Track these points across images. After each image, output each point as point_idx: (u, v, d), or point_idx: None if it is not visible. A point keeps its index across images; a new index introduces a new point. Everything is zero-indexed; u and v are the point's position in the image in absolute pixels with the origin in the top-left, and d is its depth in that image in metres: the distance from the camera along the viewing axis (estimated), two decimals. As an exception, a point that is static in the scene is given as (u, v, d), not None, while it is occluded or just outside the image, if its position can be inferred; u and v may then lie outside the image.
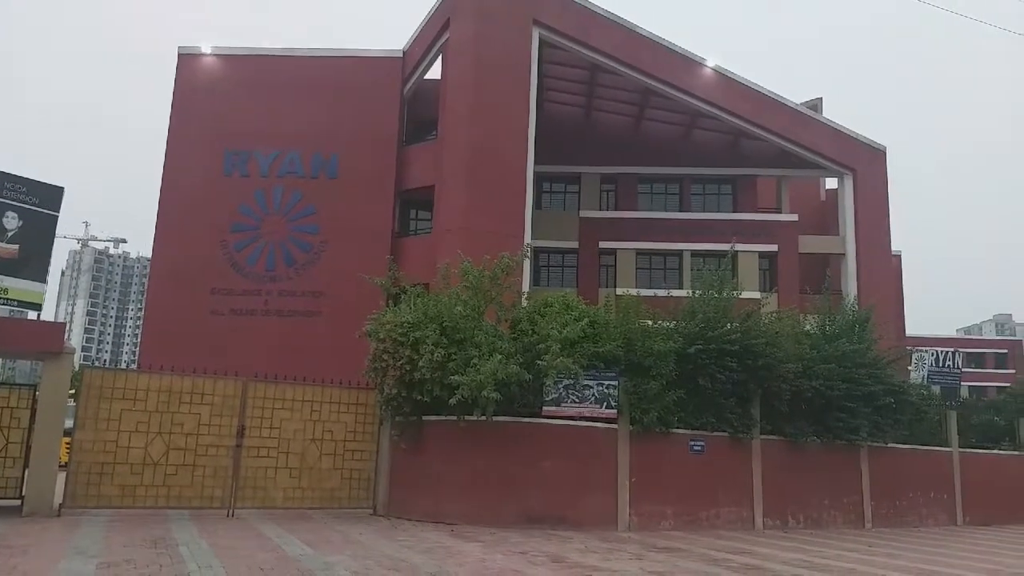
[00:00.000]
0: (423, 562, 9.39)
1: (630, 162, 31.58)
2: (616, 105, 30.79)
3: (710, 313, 15.51)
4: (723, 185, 32.69)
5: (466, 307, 14.71)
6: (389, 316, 14.81)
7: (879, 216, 30.03)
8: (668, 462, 14.80)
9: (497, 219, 22.44)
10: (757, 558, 11.12)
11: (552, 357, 13.36)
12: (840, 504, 16.71)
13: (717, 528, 14.83)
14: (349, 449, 15.00)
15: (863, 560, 11.45)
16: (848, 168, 29.89)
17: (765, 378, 15.35)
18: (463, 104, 24.12)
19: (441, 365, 13.72)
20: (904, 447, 18.00)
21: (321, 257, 24.82)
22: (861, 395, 16.48)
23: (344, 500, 14.81)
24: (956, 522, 18.46)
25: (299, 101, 25.92)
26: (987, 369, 64.21)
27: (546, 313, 14.87)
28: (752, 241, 29.16)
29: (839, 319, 18.50)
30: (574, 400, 14.23)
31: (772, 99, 28.78)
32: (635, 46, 26.33)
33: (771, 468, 15.75)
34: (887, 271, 30.68)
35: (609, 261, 30.41)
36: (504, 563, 9.63)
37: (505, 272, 15.43)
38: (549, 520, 13.62)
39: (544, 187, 32.10)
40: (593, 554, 10.79)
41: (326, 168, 25.60)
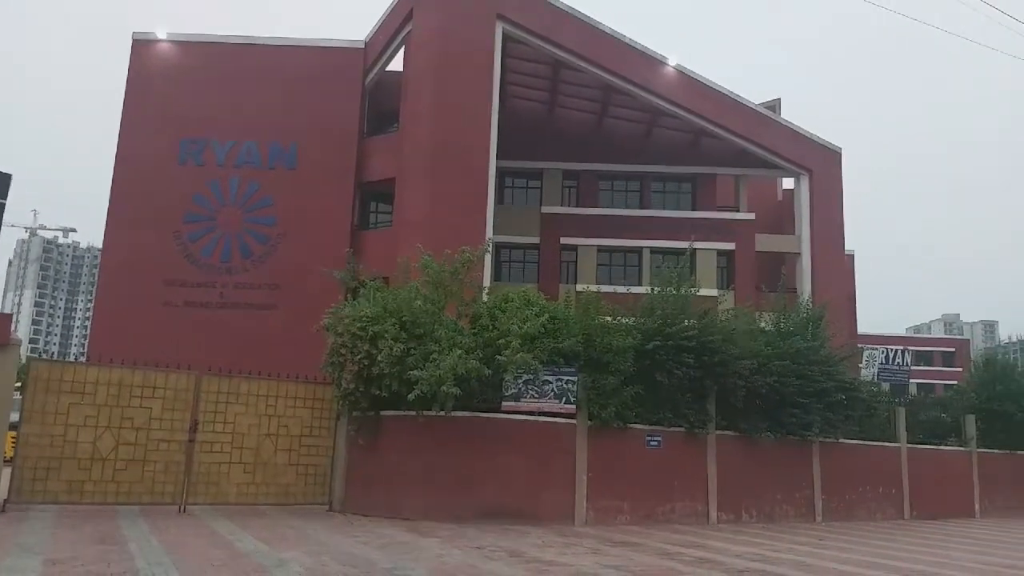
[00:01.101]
0: (379, 558, 9.32)
1: (592, 159, 31.74)
2: (579, 102, 30.88)
3: (668, 310, 15.66)
4: (683, 183, 33.04)
5: (426, 302, 14.63)
6: (348, 310, 14.66)
7: (833, 216, 30.62)
8: (625, 457, 14.92)
9: (458, 213, 22.35)
10: (710, 551, 11.27)
11: (512, 352, 13.36)
12: (792, 498, 17.03)
13: (672, 522, 15.00)
14: (305, 444, 14.82)
15: (813, 553, 11.68)
16: (804, 168, 30.42)
17: (721, 374, 15.56)
18: (425, 97, 23.95)
19: (400, 360, 13.63)
20: (854, 443, 18.41)
21: (278, 249, 24.46)
22: (814, 391, 16.81)
23: (299, 496, 14.64)
24: (903, 516, 18.95)
25: (257, 90, 25.49)
26: (935, 367, 66.04)
27: (506, 308, 14.86)
28: (710, 239, 29.53)
29: (793, 317, 18.82)
30: (533, 395, 14.26)
31: (732, 99, 29.14)
32: (598, 43, 26.42)
33: (726, 463, 15.98)
34: (840, 270, 31.32)
35: (570, 257, 30.52)
36: (461, 558, 9.61)
37: (466, 267, 15.38)
38: (507, 515, 13.63)
39: (506, 182, 32.08)
40: (550, 549, 10.83)
41: (284, 159, 25.22)
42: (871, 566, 10.52)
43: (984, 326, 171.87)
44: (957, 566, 10.99)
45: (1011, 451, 21.93)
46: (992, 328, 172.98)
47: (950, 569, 10.59)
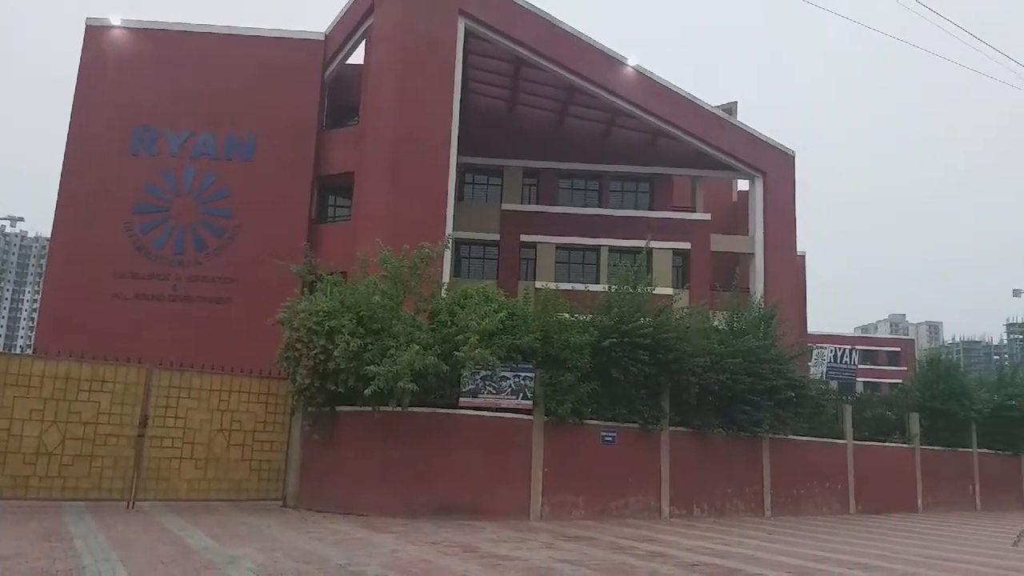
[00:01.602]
0: (333, 554, 9.28)
1: (552, 157, 31.90)
2: (540, 100, 31.01)
3: (625, 308, 15.86)
4: (641, 183, 33.43)
5: (384, 297, 14.58)
6: (304, 304, 14.53)
7: (786, 218, 31.26)
8: (581, 453, 15.08)
9: (418, 208, 22.28)
10: (662, 545, 11.47)
11: (470, 348, 13.40)
12: (742, 493, 17.39)
13: (626, 517, 15.21)
14: (259, 440, 14.66)
15: (762, 547, 11.96)
16: (759, 171, 30.99)
17: (675, 371, 15.81)
18: (386, 91, 23.81)
19: (357, 355, 13.56)
20: (803, 439, 18.87)
21: (234, 242, 24.07)
22: (764, 389, 17.18)
23: (252, 492, 14.48)
24: (849, 511, 19.48)
25: (214, 80, 25.03)
26: (881, 366, 67.80)
27: (465, 304, 14.89)
28: (667, 238, 29.91)
29: (746, 316, 19.20)
30: (491, 391, 14.32)
31: (690, 101, 29.54)
32: (558, 41, 26.55)
33: (678, 459, 16.25)
34: (792, 270, 32.01)
35: (529, 254, 30.64)
36: (415, 554, 9.63)
37: (425, 262, 15.36)
38: (462, 510, 13.68)
39: (467, 178, 32.08)
40: (504, 544, 10.90)
41: (241, 150, 24.83)
42: (817, 559, 10.81)
43: (929, 327, 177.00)
44: (899, 559, 11.35)
45: (952, 448, 22.69)
46: (936, 329, 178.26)
47: (892, 562, 10.93)
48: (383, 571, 8.20)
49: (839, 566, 10.15)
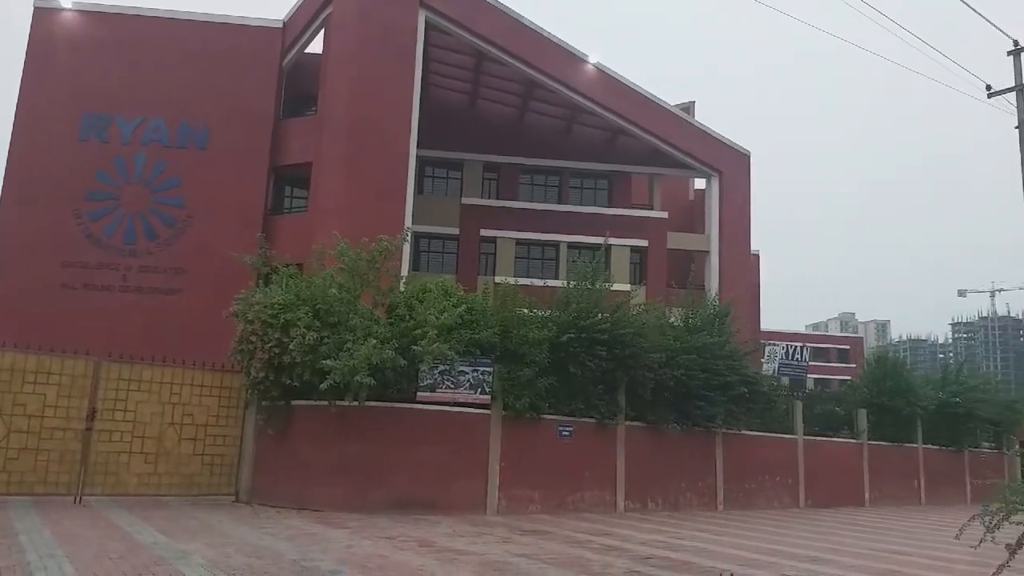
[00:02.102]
0: (286, 549, 9.17)
1: (513, 152, 31.90)
2: (501, 95, 30.98)
3: (583, 303, 15.95)
4: (600, 180, 33.64)
5: (341, 290, 14.43)
6: (259, 296, 14.32)
7: (741, 217, 31.77)
8: (538, 447, 15.14)
9: (377, 201, 22.09)
10: (617, 539, 11.58)
11: (428, 343, 13.34)
12: (696, 487, 17.65)
13: (582, 511, 15.32)
14: (211, 434, 14.43)
15: (714, 540, 12.16)
16: (715, 170, 31.42)
17: (632, 367, 15.96)
18: (345, 81, 23.54)
19: (313, 349, 13.41)
20: (755, 434, 19.22)
21: (186, 232, 23.57)
22: (718, 385, 17.45)
23: (204, 487, 14.25)
24: (799, 504, 19.90)
25: (168, 66, 24.44)
26: (831, 363, 69.37)
27: (424, 298, 14.82)
28: (625, 235, 30.15)
29: (701, 313, 19.47)
30: (449, 386, 14.28)
31: (649, 99, 29.80)
32: (520, 36, 26.54)
33: (634, 453, 16.42)
34: (746, 268, 32.54)
35: (489, 249, 30.63)
36: (371, 548, 9.57)
37: (383, 255, 15.25)
38: (419, 505, 13.63)
39: (427, 171, 31.90)
40: (461, 538, 10.90)
41: (194, 138, 24.30)
42: (768, 552, 11.04)
43: (877, 325, 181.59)
44: (847, 551, 11.65)
45: (898, 443, 23.34)
46: (884, 327, 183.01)
47: (841, 555, 11.21)
48: (337, 566, 8.13)
49: (789, 559, 10.37)
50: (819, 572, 9.25)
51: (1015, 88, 15.84)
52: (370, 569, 8.09)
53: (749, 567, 9.35)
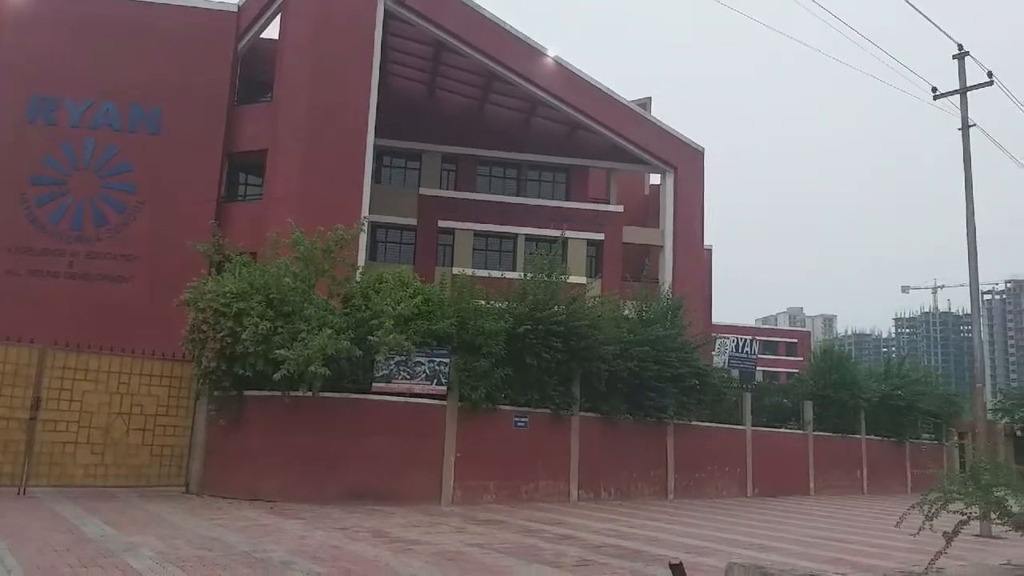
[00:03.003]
0: (237, 540, 9.09)
1: (472, 144, 31.84)
2: (460, 86, 30.89)
3: (539, 295, 16.07)
4: (558, 174, 33.78)
5: (296, 279, 14.28)
6: (211, 285, 14.11)
7: (695, 212, 32.24)
8: (493, 438, 15.22)
9: (333, 189, 21.87)
10: (570, 528, 11.74)
11: (384, 333, 13.30)
12: (647, 477, 17.96)
13: (536, 501, 15.46)
14: (161, 424, 14.18)
15: (665, 529, 12.40)
16: (670, 165, 31.80)
17: (586, 358, 16.15)
18: (302, 67, 23.22)
19: (266, 338, 13.27)
20: (705, 425, 19.62)
21: (137, 218, 23.02)
22: (670, 376, 17.76)
23: (154, 478, 14.01)
24: (747, 494, 20.38)
25: (119, 48, 23.77)
26: (779, 356, 70.93)
27: (380, 289, 14.76)
28: (582, 229, 30.40)
29: (655, 306, 19.78)
30: (405, 376, 14.26)
31: (606, 94, 30.00)
32: (479, 27, 26.48)
33: (587, 444, 16.62)
34: (699, 263, 33.07)
35: (447, 240, 30.56)
36: (324, 539, 9.54)
37: (339, 245, 15.12)
38: (373, 496, 13.61)
39: (384, 161, 31.65)
40: (415, 528, 10.93)
41: (146, 123, 23.72)
42: (716, 540, 11.30)
43: (824, 320, 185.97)
44: (793, 539, 12.00)
45: (843, 435, 24.03)
46: (831, 322, 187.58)
47: (786, 542, 11.54)
48: (290, 557, 8.10)
49: (737, 547, 10.63)
50: (766, 559, 9.51)
51: (959, 91, 16.36)
52: (323, 560, 8.07)
53: (698, 555, 9.56)
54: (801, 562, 9.25)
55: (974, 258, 15.93)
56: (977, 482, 8.44)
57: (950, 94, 16.55)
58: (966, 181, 16.16)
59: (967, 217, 15.99)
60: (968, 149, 16.24)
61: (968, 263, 15.94)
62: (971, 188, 16.09)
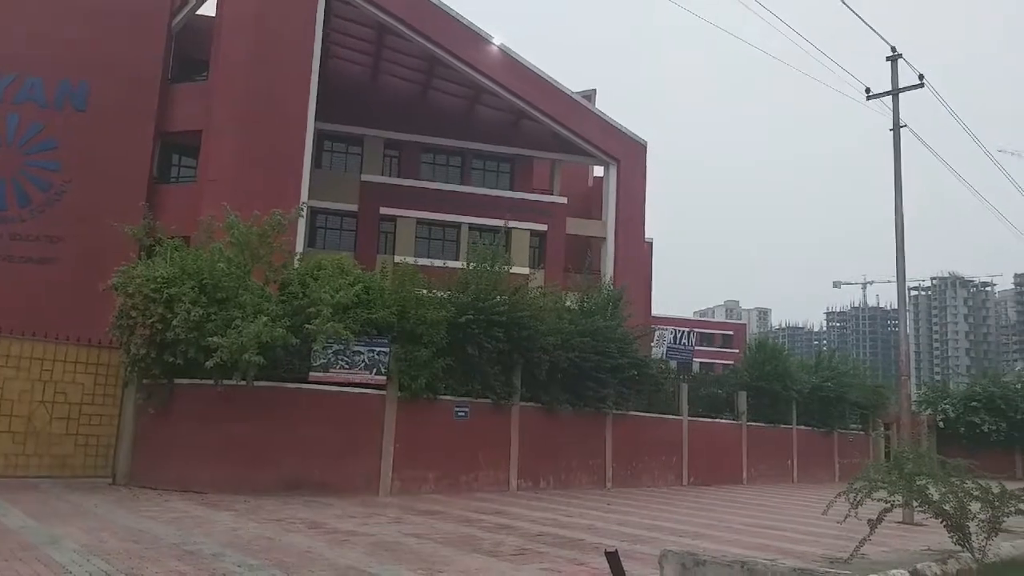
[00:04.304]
0: (166, 533, 8.82)
1: (415, 130, 31.47)
2: (403, 71, 30.48)
3: (482, 285, 16.03)
4: (502, 163, 33.70)
5: (230, 265, 13.89)
6: (141, 269, 13.64)
7: (636, 205, 32.58)
8: (433, 428, 15.14)
9: (271, 173, 21.35)
10: (509, 517, 11.76)
11: (322, 321, 13.06)
12: (586, 466, 18.13)
13: (475, 490, 15.45)
14: (86, 413, 13.70)
15: (602, 517, 12.53)
16: (613, 158, 32.05)
17: (528, 348, 16.18)
18: (240, 46, 22.55)
19: (198, 325, 12.89)
20: (643, 415, 19.90)
21: (63, 198, 22.04)
22: (610, 367, 17.95)
23: (79, 468, 13.54)
24: (682, 482, 20.76)
25: (45, 20, 22.66)
26: (716, 348, 72.49)
27: (319, 276, 14.49)
28: (525, 219, 30.41)
29: (596, 297, 19.94)
30: (344, 366, 14.05)
31: (551, 85, 30.01)
32: (423, 11, 26.16)
33: (527, 433, 16.69)
34: (640, 255, 33.46)
35: (389, 228, 30.21)
36: (257, 531, 9.33)
37: (276, 230, 14.77)
38: (310, 487, 13.39)
39: (325, 145, 31.05)
40: (352, 519, 10.79)
41: (73, 99, 22.71)
42: (651, 528, 11.47)
43: (759, 313, 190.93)
44: (725, 527, 12.26)
45: (775, 425, 24.68)
46: (766, 315, 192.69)
47: (719, 530, 11.78)
48: (221, 549, 7.89)
49: (671, 534, 10.81)
50: (699, 546, 9.68)
51: (891, 92, 16.87)
52: (256, 552, 7.88)
53: (634, 543, 9.68)
54: (732, 549, 9.44)
55: (901, 255, 16.48)
56: (900, 471, 8.73)
57: (883, 95, 17.06)
58: (895, 180, 16.69)
59: (896, 215, 16.53)
60: (898, 149, 16.77)
61: (896, 260, 16.49)
62: (900, 187, 16.63)
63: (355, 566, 7.41)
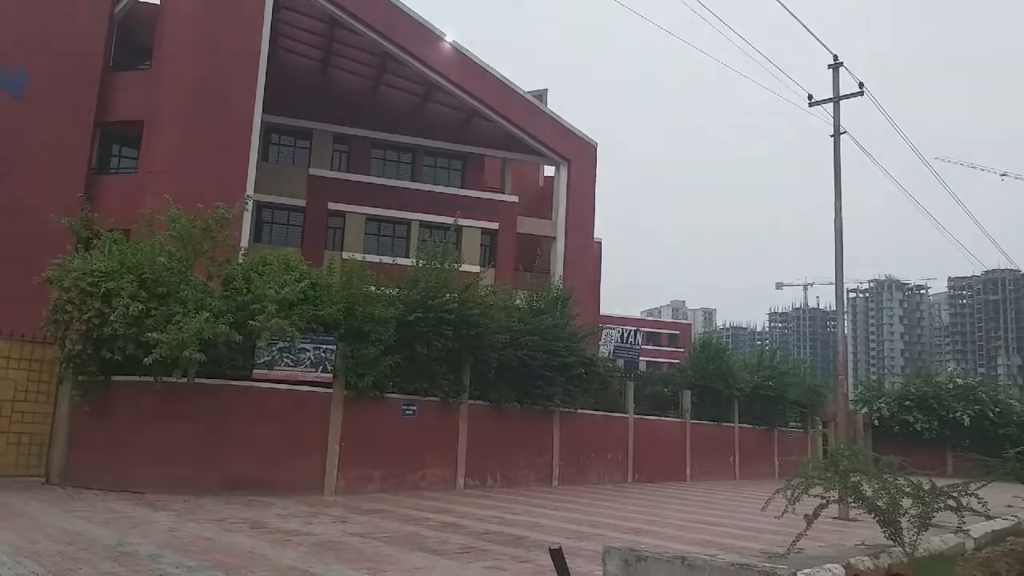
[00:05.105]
0: (102, 534, 8.58)
1: (366, 125, 31.12)
2: (354, 65, 30.12)
3: (431, 283, 15.96)
4: (453, 160, 33.57)
5: (171, 259, 13.56)
6: (78, 262, 13.23)
7: (586, 205, 32.84)
8: (380, 426, 15.03)
9: (215, 166, 20.87)
10: (455, 516, 11.75)
11: (267, 318, 12.85)
12: (533, 464, 18.22)
13: (422, 489, 15.39)
14: (18, 411, 13.24)
15: (548, 515, 12.62)
16: (564, 158, 32.22)
17: (477, 347, 16.18)
18: (185, 35, 21.99)
19: (137, 321, 12.55)
20: (590, 413, 20.08)
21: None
22: (558, 365, 18.07)
23: (10, 467, 13.09)
24: (628, 480, 21.02)
25: (-24, 1, 21.78)
26: (662, 347, 73.53)
27: (264, 272, 14.24)
28: (476, 217, 30.38)
29: (545, 296, 20.05)
30: (288, 363, 13.84)
31: (503, 83, 30.01)
32: (374, 5, 25.91)
33: (475, 431, 16.69)
34: (589, 255, 33.74)
35: (338, 223, 29.84)
36: (196, 531, 9.14)
37: (220, 224, 14.45)
38: (252, 486, 13.16)
39: (272, 138, 30.50)
40: (295, 519, 10.65)
41: (8, 85, 21.79)
42: (596, 525, 11.60)
43: (704, 313, 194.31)
44: (667, 523, 12.47)
45: (718, 423, 25.17)
46: (711, 315, 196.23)
47: (661, 526, 11.98)
48: (158, 550, 7.71)
49: (615, 531, 10.95)
50: (641, 542, 9.82)
51: (832, 99, 17.35)
52: (194, 553, 7.73)
53: (578, 539, 9.77)
54: (674, 545, 9.61)
55: (840, 258, 16.94)
56: (836, 468, 9.00)
57: (824, 102, 17.53)
58: (835, 184, 17.15)
59: (835, 219, 16.98)
60: (838, 154, 17.25)
61: (835, 263, 16.95)
62: (840, 191, 17.09)
63: (297, 566, 7.32)
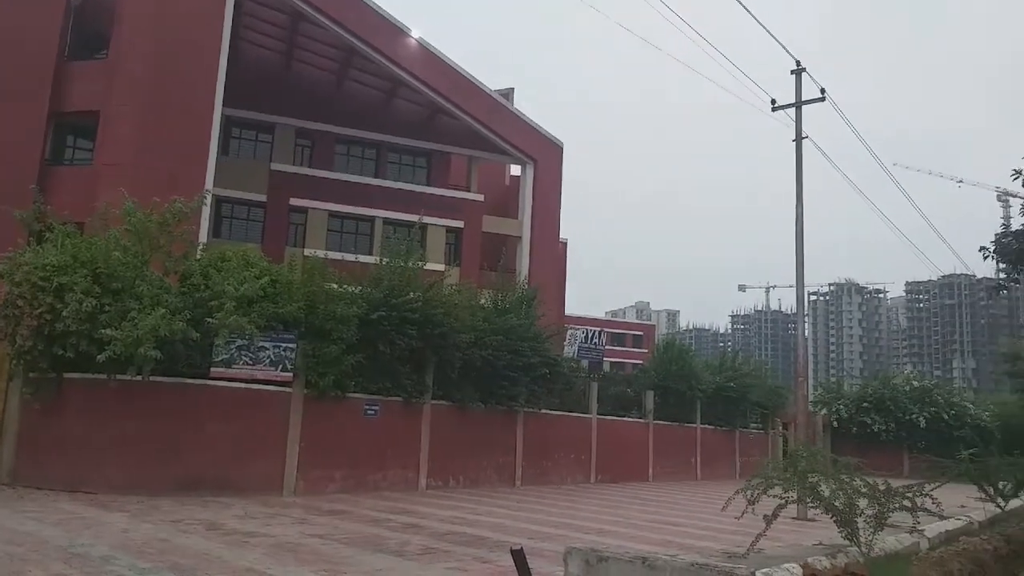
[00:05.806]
0: (53, 535, 8.32)
1: (329, 120, 30.78)
2: (319, 59, 29.77)
3: (395, 281, 15.79)
4: (419, 158, 33.39)
5: (127, 253, 13.21)
6: (29, 256, 12.80)
7: (552, 205, 32.91)
8: (341, 426, 14.82)
9: (173, 158, 20.45)
10: (417, 517, 11.63)
11: (225, 315, 12.58)
12: (496, 464, 18.15)
13: (383, 490, 15.22)
14: (-36, 409, 12.72)
15: (510, 516, 12.57)
16: (530, 158, 32.25)
17: (441, 346, 16.05)
18: (143, 25, 21.53)
19: (91, 317, 12.20)
20: (554, 413, 20.09)
21: (-58, 178, 20.49)
22: (522, 365, 18.03)
23: (-47, 468, 12.56)
24: (591, 480, 21.07)
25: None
26: (626, 348, 74.02)
27: (223, 268, 13.93)
28: (441, 215, 30.21)
29: (510, 296, 20.00)
30: (247, 361, 13.58)
31: (470, 81, 29.92)
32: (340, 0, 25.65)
33: (438, 432, 16.56)
34: (554, 255, 33.83)
35: (299, 220, 29.46)
36: (151, 532, 8.90)
37: (177, 219, 14.11)
38: (209, 486, 12.88)
39: (233, 132, 30.00)
40: (253, 520, 10.44)
41: (-43, 72, 21.15)
42: (558, 525, 11.58)
43: (668, 314, 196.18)
44: (629, 523, 12.51)
45: (680, 423, 25.38)
46: (675, 317, 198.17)
47: (623, 527, 12.01)
48: (111, 552, 7.49)
49: (578, 531, 10.94)
50: (603, 543, 9.81)
51: (795, 104, 17.58)
52: (148, 554, 7.52)
53: (540, 540, 9.73)
54: (636, 545, 9.63)
55: (801, 261, 17.16)
56: (794, 468, 9.07)
57: (787, 107, 17.75)
58: (797, 189, 17.37)
59: (796, 222, 17.20)
60: (800, 158, 17.47)
61: (796, 266, 17.17)
62: (801, 195, 17.30)
63: (254, 568, 7.17)
